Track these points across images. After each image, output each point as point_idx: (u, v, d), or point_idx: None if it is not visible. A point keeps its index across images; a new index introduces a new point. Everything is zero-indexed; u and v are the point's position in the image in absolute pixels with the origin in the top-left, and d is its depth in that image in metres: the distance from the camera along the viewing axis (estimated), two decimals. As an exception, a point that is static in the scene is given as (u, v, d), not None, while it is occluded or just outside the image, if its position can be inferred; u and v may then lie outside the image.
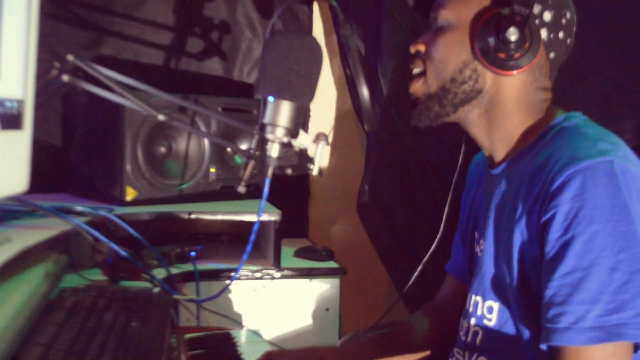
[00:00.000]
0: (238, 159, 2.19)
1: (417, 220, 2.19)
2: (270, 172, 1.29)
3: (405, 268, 1.83)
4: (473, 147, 1.34)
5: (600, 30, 1.64)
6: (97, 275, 1.64)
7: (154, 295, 1.42)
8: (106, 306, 1.26)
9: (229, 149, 2.18)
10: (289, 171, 1.31)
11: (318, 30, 2.65)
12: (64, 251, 1.61)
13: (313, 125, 2.68)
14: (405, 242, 2.24)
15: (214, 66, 2.56)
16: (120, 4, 2.45)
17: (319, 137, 1.29)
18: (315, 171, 1.30)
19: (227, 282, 1.86)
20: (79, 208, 1.73)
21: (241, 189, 1.36)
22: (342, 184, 2.66)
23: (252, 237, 1.35)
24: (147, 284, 1.64)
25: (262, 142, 1.29)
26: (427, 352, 1.52)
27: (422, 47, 1.27)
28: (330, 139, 2.72)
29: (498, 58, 1.18)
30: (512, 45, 1.16)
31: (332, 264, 2.11)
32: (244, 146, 2.18)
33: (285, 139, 1.27)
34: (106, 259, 1.58)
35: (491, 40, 1.17)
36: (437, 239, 1.51)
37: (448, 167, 1.92)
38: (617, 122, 1.60)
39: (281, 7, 1.39)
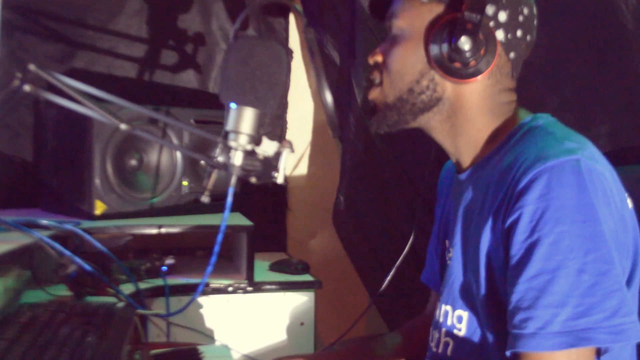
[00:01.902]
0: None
1: (391, 231, 2.16)
2: (233, 180, 1.26)
3: (381, 279, 1.79)
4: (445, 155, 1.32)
5: (575, 36, 1.62)
6: (62, 291, 1.61)
7: (116, 310, 1.38)
8: (63, 321, 1.22)
9: (202, 162, 2.15)
10: (252, 180, 1.28)
11: (295, 42, 2.63)
12: (27, 266, 1.57)
13: (290, 137, 2.65)
14: (380, 252, 2.21)
15: (188, 78, 2.54)
16: (92, 16, 2.42)
17: (283, 144, 1.27)
18: (280, 179, 1.27)
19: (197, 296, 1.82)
20: (44, 222, 1.69)
21: (205, 199, 1.32)
22: (320, 196, 2.63)
23: (217, 248, 1.32)
24: (114, 299, 1.60)
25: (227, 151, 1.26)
26: None
27: (379, 58, 1.24)
28: (307, 151, 2.71)
29: (453, 67, 1.15)
30: (467, 54, 1.13)
31: (307, 277, 2.07)
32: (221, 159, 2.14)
33: (249, 147, 1.24)
34: (70, 274, 1.54)
35: (444, 50, 1.15)
36: (407, 246, 1.48)
37: (422, 177, 1.90)
38: (592, 127, 1.58)
39: (245, 11, 1.35)
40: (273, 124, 2.59)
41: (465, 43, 1.12)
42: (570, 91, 1.65)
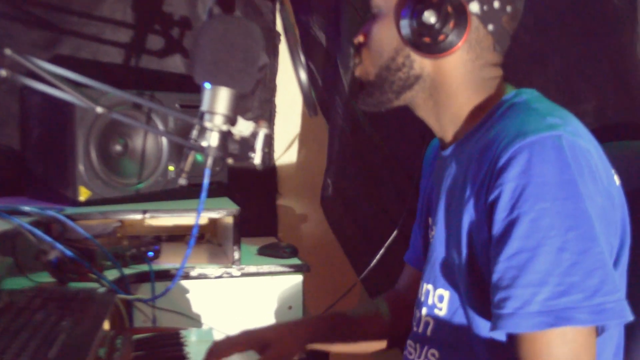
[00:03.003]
0: (199, 157, 2.13)
1: (380, 213, 2.15)
2: (210, 161, 1.25)
3: (370, 262, 1.78)
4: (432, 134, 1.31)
5: (560, 13, 1.61)
6: (46, 278, 1.59)
7: (96, 294, 1.37)
8: (40, 306, 1.21)
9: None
10: (229, 161, 1.27)
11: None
12: (8, 253, 1.56)
13: (279, 121, 2.63)
14: (369, 235, 2.19)
15: (175, 63, 2.50)
16: (77, 2, 2.39)
17: (260, 124, 1.25)
18: (257, 160, 1.25)
19: (183, 281, 1.81)
20: (26, 208, 1.67)
21: (182, 181, 1.31)
22: (311, 181, 2.61)
23: (195, 229, 1.31)
24: (97, 286, 1.59)
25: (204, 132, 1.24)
26: (383, 343, 1.47)
27: (361, 38, 1.25)
28: (297, 135, 2.68)
29: (424, 43, 1.13)
30: (435, 28, 1.11)
31: (295, 261, 2.06)
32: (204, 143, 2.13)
33: (225, 127, 1.22)
34: (51, 260, 1.53)
35: (413, 25, 1.13)
36: (397, 228, 1.47)
37: (411, 159, 1.88)
38: (578, 105, 1.57)
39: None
40: (262, 108, 2.57)
41: (430, 17, 1.11)
42: (557, 68, 1.63)
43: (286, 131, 2.66)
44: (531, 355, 0.99)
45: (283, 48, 2.56)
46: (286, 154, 2.67)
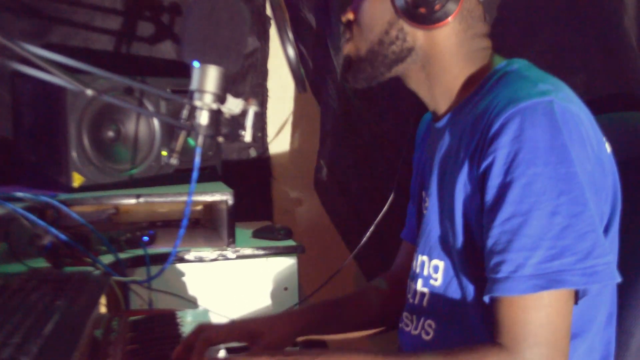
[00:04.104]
0: (191, 141, 2.13)
1: (373, 193, 2.15)
2: (200, 140, 1.25)
3: (369, 248, 1.78)
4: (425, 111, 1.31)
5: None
6: (41, 264, 1.60)
7: (91, 276, 1.37)
8: (35, 288, 1.21)
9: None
10: (220, 139, 1.27)
11: (273, 9, 2.60)
12: (2, 238, 1.56)
13: (272, 105, 2.63)
14: (363, 215, 2.20)
15: (166, 49, 2.50)
16: (67, -10, 2.39)
17: (249, 101, 1.25)
18: (247, 137, 1.25)
19: (178, 265, 1.82)
20: (20, 194, 1.68)
21: (173, 160, 1.31)
22: (305, 164, 2.61)
23: (187, 211, 1.31)
24: (93, 270, 1.59)
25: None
26: (376, 328, 1.47)
27: (350, 15, 1.24)
28: (290, 118, 2.69)
29: (419, 14, 1.14)
30: None
31: (290, 243, 2.07)
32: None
33: (214, 106, 1.22)
34: (46, 244, 1.53)
35: None
36: (389, 201, 1.47)
37: (403, 137, 1.88)
38: (567, 77, 1.56)
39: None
40: (254, 92, 2.57)
41: None
42: (546, 40, 1.63)
43: (279, 115, 2.66)
44: (506, 318, 1.00)
45: (274, 33, 2.56)
46: (279, 138, 2.67)
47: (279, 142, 2.67)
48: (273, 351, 1.16)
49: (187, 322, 1.46)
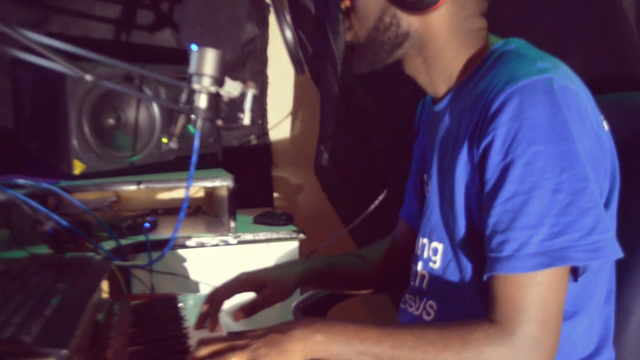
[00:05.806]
0: (192, 128, 2.14)
1: (373, 176, 2.15)
2: (199, 123, 1.26)
3: (365, 227, 1.79)
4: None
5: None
6: (43, 251, 1.60)
7: (92, 261, 1.37)
8: (36, 272, 1.22)
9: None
10: (219, 122, 1.27)
11: (273, -4, 2.60)
12: (3, 224, 1.57)
13: (272, 92, 2.63)
14: (363, 199, 2.20)
15: (165, 37, 2.50)
16: (66, -21, 2.39)
17: (247, 84, 1.25)
18: (246, 120, 1.26)
19: (180, 251, 1.82)
20: (21, 181, 1.68)
21: (173, 144, 1.32)
22: (306, 150, 2.61)
23: (187, 194, 1.31)
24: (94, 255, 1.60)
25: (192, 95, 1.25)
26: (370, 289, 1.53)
27: (348, 2, 1.23)
28: (290, 106, 2.69)
29: (409, 0, 1.13)
30: None
31: (291, 228, 2.07)
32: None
33: (213, 89, 1.23)
34: (47, 230, 1.54)
35: None
36: (386, 188, 1.48)
37: (403, 121, 1.88)
38: (566, 58, 1.56)
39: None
40: (253, 80, 2.57)
41: None
42: (544, 21, 1.63)
43: (279, 102, 2.66)
44: (501, 296, 1.00)
45: (273, 20, 2.56)
46: (279, 125, 2.67)
47: (279, 129, 2.67)
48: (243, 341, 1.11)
49: (189, 305, 1.47)
